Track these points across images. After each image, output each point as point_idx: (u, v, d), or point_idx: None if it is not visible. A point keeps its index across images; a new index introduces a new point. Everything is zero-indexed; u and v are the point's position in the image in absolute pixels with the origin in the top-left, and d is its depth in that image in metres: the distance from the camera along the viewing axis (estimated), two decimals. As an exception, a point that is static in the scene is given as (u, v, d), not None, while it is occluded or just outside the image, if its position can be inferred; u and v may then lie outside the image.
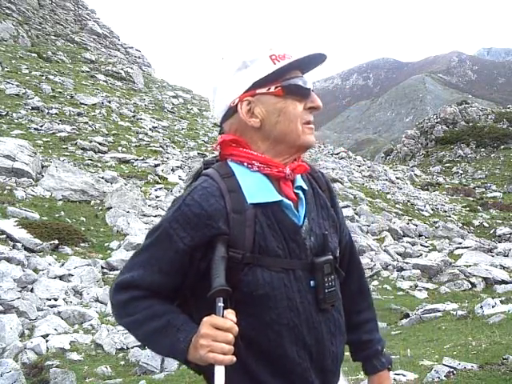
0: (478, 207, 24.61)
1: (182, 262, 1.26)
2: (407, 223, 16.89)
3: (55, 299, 7.35)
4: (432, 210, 21.38)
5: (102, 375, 5.55)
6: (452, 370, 4.07)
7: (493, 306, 6.91)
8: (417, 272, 11.00)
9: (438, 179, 35.64)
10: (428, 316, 7.56)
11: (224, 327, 1.14)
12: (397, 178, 30.39)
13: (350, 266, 1.55)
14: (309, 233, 1.33)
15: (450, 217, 20.37)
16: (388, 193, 23.44)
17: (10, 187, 11.59)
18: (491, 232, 17.91)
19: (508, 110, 51.60)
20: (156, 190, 14.54)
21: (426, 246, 14.43)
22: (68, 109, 21.99)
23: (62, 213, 11.11)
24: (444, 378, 3.97)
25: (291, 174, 1.34)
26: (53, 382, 5.18)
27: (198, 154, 20.43)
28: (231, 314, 1.16)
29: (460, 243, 14.56)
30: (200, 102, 36.37)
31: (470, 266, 11.22)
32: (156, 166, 17.39)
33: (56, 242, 9.33)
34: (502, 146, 42.35)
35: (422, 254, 13.13)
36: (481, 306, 7.01)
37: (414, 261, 11.83)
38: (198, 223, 1.24)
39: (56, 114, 21.05)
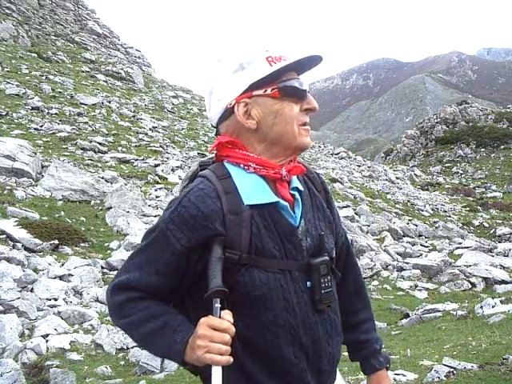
0: (478, 207, 24.60)
1: (178, 264, 1.26)
2: (407, 223, 16.88)
3: (55, 299, 7.34)
4: (432, 209, 21.38)
5: (102, 375, 5.54)
6: (452, 370, 4.07)
7: (493, 306, 6.90)
8: (417, 272, 10.98)
9: (438, 179, 35.66)
10: (428, 316, 7.54)
11: (221, 328, 1.14)
12: (397, 178, 30.40)
13: (347, 266, 1.55)
14: (305, 234, 1.33)
15: (450, 217, 20.36)
16: (388, 193, 23.44)
17: (10, 187, 11.59)
18: (491, 232, 17.89)
19: (508, 110, 51.65)
20: (156, 190, 14.52)
21: (426, 246, 14.41)
22: (68, 109, 21.95)
23: (62, 213, 11.10)
24: (444, 378, 3.97)
25: (287, 175, 1.34)
26: (53, 382, 5.18)
27: (198, 154, 20.40)
28: (228, 315, 1.16)
29: (460, 243, 14.54)
30: (200, 102, 36.32)
31: (469, 266, 11.20)
32: (156, 165, 17.36)
33: (56, 242, 9.32)
34: (502, 146, 42.39)
35: (422, 254, 13.10)
36: (481, 306, 7.00)
37: (414, 261, 11.81)
38: (194, 224, 1.25)
39: (56, 113, 21.02)
